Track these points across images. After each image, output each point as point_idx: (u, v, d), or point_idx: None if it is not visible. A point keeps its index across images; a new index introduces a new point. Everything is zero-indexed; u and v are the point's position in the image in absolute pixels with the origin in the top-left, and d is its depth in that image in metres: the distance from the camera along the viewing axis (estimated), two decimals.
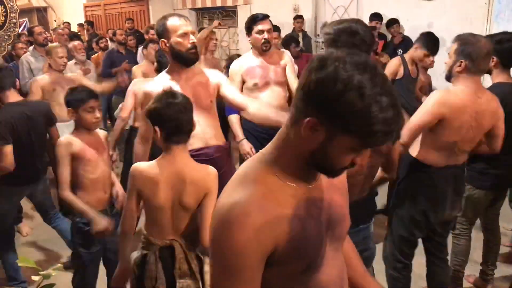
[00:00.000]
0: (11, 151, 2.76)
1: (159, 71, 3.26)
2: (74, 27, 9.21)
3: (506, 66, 2.59)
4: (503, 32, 2.66)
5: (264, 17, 3.24)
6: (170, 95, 1.86)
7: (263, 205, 0.91)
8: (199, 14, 8.95)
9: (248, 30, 3.25)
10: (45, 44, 5.02)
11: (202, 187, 1.86)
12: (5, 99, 2.86)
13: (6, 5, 6.52)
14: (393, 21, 6.08)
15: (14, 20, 6.70)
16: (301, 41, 6.31)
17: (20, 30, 7.45)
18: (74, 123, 2.42)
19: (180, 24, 2.40)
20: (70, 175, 2.33)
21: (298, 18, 6.92)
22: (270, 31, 3.27)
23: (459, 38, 2.18)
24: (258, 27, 3.17)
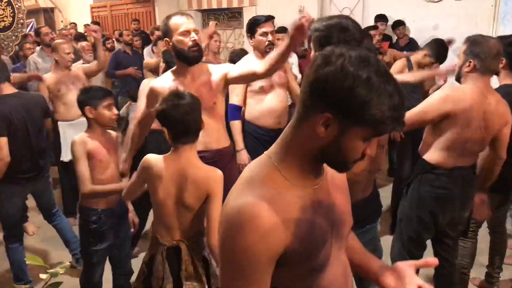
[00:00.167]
0: (6, 143, 2.76)
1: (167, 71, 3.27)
2: (81, 28, 9.25)
3: None
4: None
5: (268, 19, 3.19)
6: (176, 96, 1.87)
7: (272, 207, 0.91)
8: (204, 15, 8.96)
9: (251, 32, 3.18)
10: (51, 45, 5.06)
11: (203, 187, 1.87)
12: (0, 92, 2.86)
13: (14, 6, 6.57)
14: (398, 22, 6.05)
15: (22, 20, 6.76)
16: (305, 41, 6.29)
17: (27, 30, 7.50)
18: (87, 123, 2.43)
19: (182, 22, 2.36)
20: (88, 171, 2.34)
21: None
22: (273, 32, 3.24)
23: (468, 39, 2.19)
24: (263, 29, 3.13)
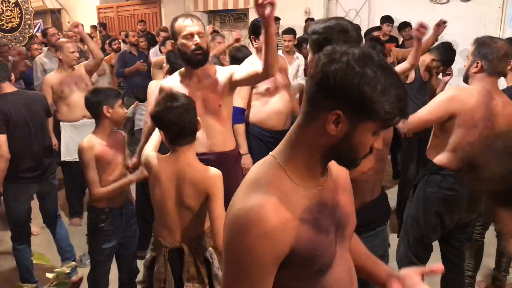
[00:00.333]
0: (5, 140, 2.77)
1: (171, 72, 3.28)
2: (88, 29, 9.30)
3: None
4: None
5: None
6: (170, 98, 1.88)
7: (278, 208, 0.91)
8: (210, 17, 8.98)
9: (255, 34, 3.16)
10: (56, 44, 5.09)
11: (202, 188, 1.87)
12: (0, 91, 2.88)
13: (22, 7, 6.62)
14: (405, 24, 6.04)
15: (29, 21, 6.81)
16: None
17: (34, 31, 7.55)
18: (97, 123, 2.45)
19: (185, 25, 2.34)
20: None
21: (310, 21, 6.90)
22: (277, 34, 3.23)
23: (477, 40, 2.18)
24: None
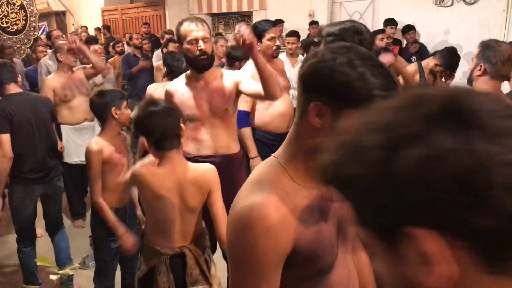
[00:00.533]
0: (8, 139, 2.78)
1: (168, 75, 3.27)
2: (92, 31, 9.34)
3: None
4: None
5: (275, 23, 3.21)
6: (150, 104, 1.88)
7: (281, 207, 0.92)
8: (214, 19, 9.01)
9: (258, 37, 3.10)
10: (54, 46, 5.11)
11: (204, 186, 1.88)
12: (5, 92, 2.91)
13: (27, 9, 6.66)
14: (409, 27, 6.04)
15: (34, 24, 6.85)
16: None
17: (39, 33, 7.58)
18: (103, 125, 2.48)
19: (190, 30, 2.34)
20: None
21: (314, 24, 6.91)
22: (280, 37, 3.26)
23: (482, 43, 2.19)
24: (271, 34, 3.13)
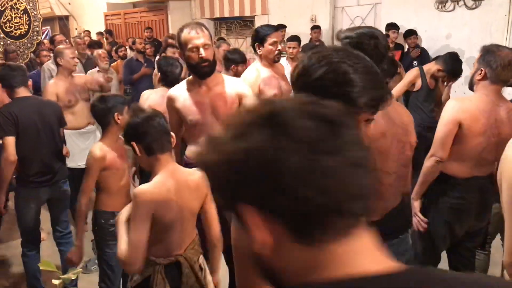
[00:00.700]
0: (12, 142, 2.79)
1: (162, 81, 3.30)
2: (95, 36, 9.39)
3: None
4: None
5: (277, 28, 3.22)
6: (136, 110, 1.88)
7: None
8: (217, 24, 9.04)
9: (259, 41, 3.13)
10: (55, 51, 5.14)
11: (203, 189, 1.90)
12: (15, 95, 2.93)
13: (30, 14, 6.69)
14: (410, 31, 6.04)
15: (37, 28, 6.87)
16: None
17: (42, 38, 7.62)
18: (105, 130, 2.49)
19: (190, 37, 2.33)
20: (96, 183, 2.45)
21: (316, 29, 6.93)
22: (282, 41, 3.27)
23: (484, 48, 2.19)
24: (273, 38, 3.11)
